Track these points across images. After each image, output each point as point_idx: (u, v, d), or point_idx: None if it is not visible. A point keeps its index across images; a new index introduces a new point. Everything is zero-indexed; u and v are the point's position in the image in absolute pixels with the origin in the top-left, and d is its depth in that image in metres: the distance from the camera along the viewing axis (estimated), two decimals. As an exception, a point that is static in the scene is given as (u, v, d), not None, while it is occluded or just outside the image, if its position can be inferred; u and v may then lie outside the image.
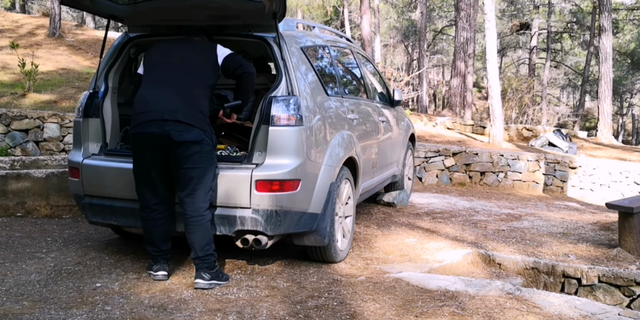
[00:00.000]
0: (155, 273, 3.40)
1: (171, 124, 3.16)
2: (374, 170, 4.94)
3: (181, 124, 3.17)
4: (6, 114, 7.02)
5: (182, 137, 3.16)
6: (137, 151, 3.31)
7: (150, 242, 3.41)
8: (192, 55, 3.43)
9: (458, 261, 4.35)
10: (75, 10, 22.85)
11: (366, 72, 5.51)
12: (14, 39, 11.43)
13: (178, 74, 3.33)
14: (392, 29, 31.92)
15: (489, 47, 12.01)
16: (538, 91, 23.46)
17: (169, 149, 3.20)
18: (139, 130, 3.24)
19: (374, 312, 2.97)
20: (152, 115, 3.20)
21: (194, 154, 3.20)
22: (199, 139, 3.20)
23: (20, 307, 2.90)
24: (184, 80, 3.31)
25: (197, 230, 3.26)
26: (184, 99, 3.25)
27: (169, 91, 3.26)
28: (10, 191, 5.20)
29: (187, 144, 3.18)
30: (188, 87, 3.30)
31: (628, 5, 28.74)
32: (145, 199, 3.33)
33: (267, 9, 3.36)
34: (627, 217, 4.93)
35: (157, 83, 3.33)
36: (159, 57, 3.45)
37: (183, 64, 3.37)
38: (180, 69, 3.35)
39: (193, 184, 3.22)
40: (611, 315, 3.00)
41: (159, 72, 3.37)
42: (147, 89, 3.34)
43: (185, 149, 3.18)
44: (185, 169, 3.20)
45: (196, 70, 3.37)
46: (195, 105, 3.27)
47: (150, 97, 3.28)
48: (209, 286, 3.28)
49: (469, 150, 9.34)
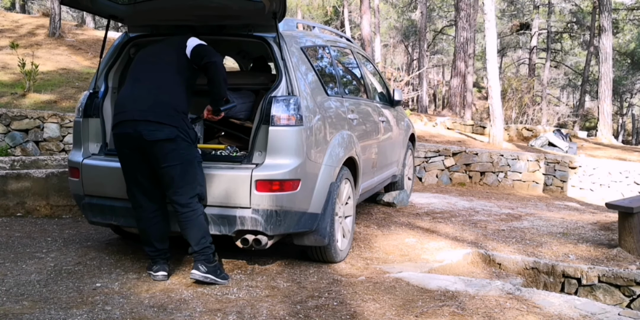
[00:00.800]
0: (155, 273, 3.40)
1: (142, 124, 3.17)
2: (374, 170, 4.94)
3: (151, 123, 3.17)
4: (6, 114, 7.02)
5: (154, 136, 3.16)
6: (119, 152, 3.34)
7: (146, 242, 3.41)
8: (165, 51, 3.42)
9: (458, 261, 4.35)
10: (75, 10, 22.85)
11: (366, 72, 5.51)
12: (14, 39, 11.44)
13: (151, 73, 3.34)
14: (392, 29, 31.92)
15: (489, 47, 12.02)
16: (538, 91, 23.48)
17: (145, 148, 3.21)
18: (116, 131, 3.29)
19: (374, 312, 2.97)
20: (125, 116, 3.23)
21: (170, 151, 3.19)
22: (171, 136, 3.18)
23: (20, 307, 2.91)
24: (157, 78, 3.32)
25: (190, 225, 3.26)
26: (154, 97, 3.25)
27: (141, 91, 3.29)
28: (10, 191, 5.20)
29: (160, 142, 3.17)
30: (160, 84, 3.30)
31: (628, 5, 28.75)
32: (136, 199, 3.35)
33: (267, 9, 3.36)
34: (627, 217, 4.93)
35: (132, 83, 3.37)
36: (139, 58, 3.49)
37: (157, 61, 3.39)
38: (153, 67, 3.36)
39: (177, 182, 3.22)
40: (611, 315, 3.00)
41: (135, 73, 3.41)
42: (123, 91, 3.41)
43: (161, 148, 3.18)
44: (165, 167, 3.20)
45: (169, 66, 3.35)
46: (166, 102, 3.24)
47: (123, 99, 3.33)
48: (203, 278, 3.27)
49: (469, 150, 9.34)
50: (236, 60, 6.07)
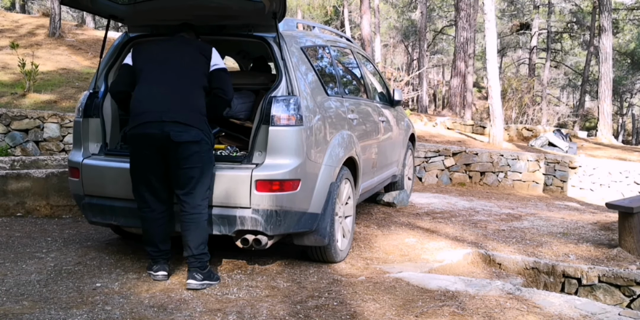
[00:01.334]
0: (155, 273, 3.40)
1: (170, 125, 3.18)
2: (374, 170, 4.94)
3: (180, 125, 3.18)
4: (6, 114, 7.02)
5: (182, 138, 3.17)
6: (136, 152, 3.30)
7: (149, 242, 3.41)
8: (186, 55, 3.40)
9: (458, 261, 4.35)
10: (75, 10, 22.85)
11: (366, 72, 5.51)
12: (14, 39, 11.44)
13: (173, 74, 3.32)
14: (392, 29, 31.93)
15: (489, 47, 12.02)
16: (538, 91, 23.47)
17: (169, 149, 3.20)
18: (138, 131, 3.24)
19: (374, 312, 2.97)
20: (151, 117, 3.20)
21: (194, 153, 3.21)
22: (197, 138, 3.22)
23: (20, 307, 2.90)
24: (180, 81, 3.31)
25: (194, 227, 3.26)
26: (181, 99, 3.26)
27: (166, 91, 3.27)
28: (10, 191, 5.20)
29: (186, 144, 3.19)
30: (184, 87, 3.30)
31: (628, 5, 28.75)
32: (144, 199, 3.33)
33: (267, 9, 3.36)
34: (627, 217, 4.93)
35: (154, 83, 3.32)
36: (154, 56, 3.41)
37: (178, 63, 3.36)
38: (175, 69, 3.33)
39: (193, 183, 3.24)
40: (611, 315, 3.00)
41: (154, 72, 3.35)
42: (144, 89, 3.32)
43: (185, 149, 3.19)
44: (185, 168, 3.21)
45: (191, 69, 3.36)
46: (193, 105, 3.28)
47: (147, 98, 3.28)
48: (201, 287, 3.28)
49: (469, 150, 9.34)
50: (236, 60, 6.07)
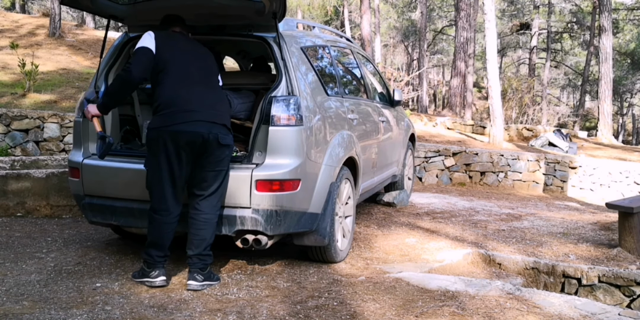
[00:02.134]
0: (153, 280, 3.27)
1: (218, 127, 3.21)
2: (374, 170, 4.94)
3: (224, 128, 3.25)
4: (6, 114, 7.02)
5: (226, 141, 3.24)
6: (170, 150, 3.13)
7: (158, 246, 3.27)
8: (206, 55, 3.45)
9: (458, 261, 4.35)
10: (75, 10, 22.85)
11: (366, 72, 5.51)
12: (14, 39, 11.44)
13: (204, 73, 3.35)
14: (392, 29, 31.94)
15: (489, 47, 12.02)
16: (538, 91, 23.47)
17: (207, 151, 3.18)
18: (182, 128, 3.11)
19: (374, 312, 2.97)
20: (202, 116, 3.15)
21: (226, 157, 3.28)
22: (232, 143, 3.31)
23: (20, 307, 2.90)
24: (212, 82, 3.38)
25: (209, 227, 3.27)
26: (221, 102, 3.34)
27: (204, 91, 3.27)
28: (11, 191, 5.20)
29: (225, 147, 3.24)
30: (217, 89, 3.39)
31: (628, 5, 28.76)
32: (165, 201, 3.21)
33: (267, 9, 3.36)
34: (627, 217, 4.93)
35: (188, 81, 3.23)
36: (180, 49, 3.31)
37: (204, 63, 3.39)
38: (203, 67, 3.37)
39: (217, 185, 3.26)
40: (611, 315, 3.00)
41: (188, 67, 3.27)
42: (183, 86, 3.21)
43: (222, 152, 3.24)
44: (217, 171, 3.25)
45: (214, 72, 3.43)
46: (228, 109, 3.39)
47: (191, 96, 3.19)
48: (201, 287, 3.27)
49: (469, 150, 9.34)
50: (236, 60, 6.07)
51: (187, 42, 3.43)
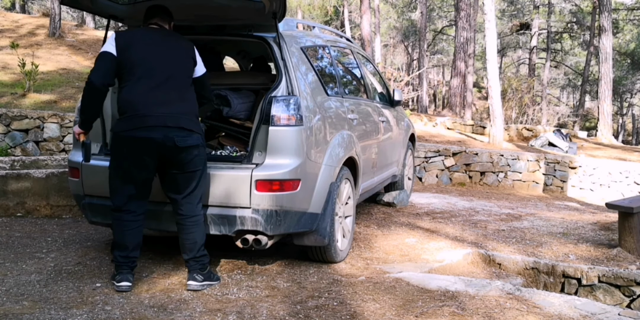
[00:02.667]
0: (118, 284, 3.17)
1: (174, 131, 3.10)
2: (374, 170, 4.94)
3: (183, 130, 3.14)
4: (6, 114, 7.02)
5: (187, 143, 3.15)
6: (129, 155, 3.13)
7: (120, 246, 3.21)
8: (177, 51, 3.26)
9: (458, 261, 4.35)
10: (75, 10, 22.85)
11: (366, 72, 5.51)
12: (14, 39, 11.44)
13: (168, 72, 3.17)
14: (392, 29, 31.94)
15: (489, 47, 12.02)
16: (538, 91, 23.48)
17: (171, 154, 3.14)
18: (138, 134, 3.07)
19: (374, 312, 2.97)
20: (154, 121, 3.07)
21: (195, 157, 3.20)
22: (198, 142, 3.21)
23: (20, 307, 2.90)
24: (178, 80, 3.20)
25: (196, 229, 3.26)
26: (182, 102, 3.18)
27: (163, 92, 3.12)
28: (11, 191, 5.20)
29: (190, 148, 3.17)
30: (183, 88, 3.22)
31: (628, 5, 28.76)
32: (126, 201, 3.20)
33: (267, 9, 3.36)
34: (627, 217, 4.93)
35: (147, 82, 3.12)
36: (143, 50, 3.17)
37: (173, 61, 3.21)
38: (171, 67, 3.19)
39: (192, 186, 3.23)
40: (611, 315, 3.00)
41: (147, 68, 3.13)
42: (136, 87, 3.12)
43: (188, 154, 3.17)
44: (187, 172, 3.20)
45: (184, 68, 3.26)
46: (192, 108, 3.24)
47: (144, 99, 3.11)
48: (201, 287, 3.27)
49: (469, 150, 9.34)
50: (236, 60, 6.07)
51: (159, 38, 3.25)
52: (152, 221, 3.50)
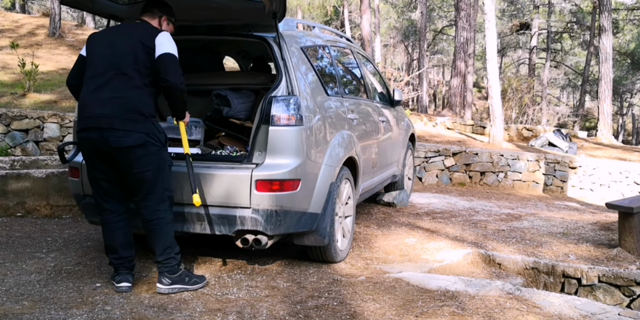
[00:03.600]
0: (117, 284, 3.19)
1: (108, 131, 3.01)
2: (374, 170, 4.94)
3: (118, 131, 3.01)
4: (6, 114, 7.02)
5: (123, 143, 3.01)
6: (84, 156, 3.21)
7: (110, 248, 3.24)
8: (130, 45, 3.09)
9: (458, 261, 4.35)
10: (75, 10, 22.85)
11: (366, 72, 5.51)
12: (14, 39, 11.44)
13: (114, 70, 3.06)
14: (392, 29, 31.94)
15: (489, 47, 12.02)
16: (538, 91, 23.50)
17: (114, 155, 3.07)
18: (82, 135, 3.10)
19: (374, 312, 2.97)
20: (91, 122, 3.05)
21: (140, 157, 3.05)
22: (140, 142, 3.03)
23: (20, 307, 2.90)
24: (122, 77, 3.05)
25: (156, 234, 3.16)
26: (119, 101, 3.03)
27: (106, 92, 3.04)
28: (10, 191, 5.20)
29: (129, 148, 3.02)
30: (125, 85, 3.05)
31: (628, 5, 28.76)
32: (101, 201, 3.22)
33: (267, 9, 3.36)
34: (627, 217, 4.93)
35: (94, 81, 3.09)
36: (101, 47, 3.14)
37: (122, 56, 3.07)
38: (118, 62, 3.06)
39: (145, 188, 3.11)
40: (611, 315, 3.00)
41: (98, 67, 3.10)
42: (86, 88, 3.12)
43: (130, 154, 3.04)
44: (136, 173, 3.08)
45: (135, 63, 3.06)
46: (133, 107, 3.04)
47: (86, 99, 3.10)
48: (170, 291, 3.16)
49: (469, 150, 9.35)
50: (236, 60, 6.07)
51: (118, 34, 3.19)
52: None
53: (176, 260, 3.20)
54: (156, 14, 3.32)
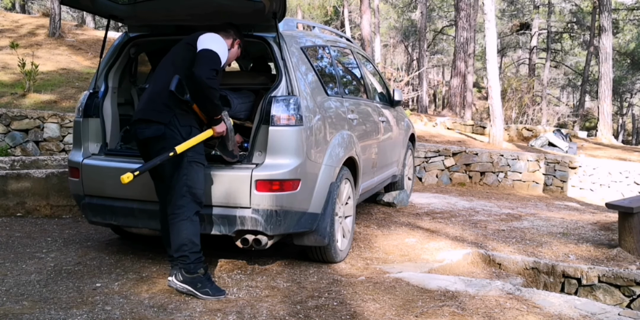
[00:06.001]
0: (168, 279, 3.23)
1: (137, 123, 3.21)
2: (374, 170, 4.94)
3: (142, 122, 3.16)
4: (6, 114, 7.02)
5: (144, 135, 3.16)
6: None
7: (166, 245, 3.32)
8: (179, 49, 3.32)
9: (458, 261, 4.35)
10: (75, 10, 22.86)
11: (366, 72, 5.51)
12: (14, 39, 11.43)
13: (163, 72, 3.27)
14: (392, 29, 31.94)
15: (489, 47, 12.02)
16: (538, 91, 23.50)
17: (144, 146, 3.25)
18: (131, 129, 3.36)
19: (374, 312, 2.97)
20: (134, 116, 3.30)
21: (161, 150, 3.10)
22: (158, 133, 3.09)
23: (20, 307, 2.91)
24: (162, 76, 3.23)
25: (171, 229, 3.16)
26: (149, 94, 3.23)
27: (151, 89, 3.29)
28: (11, 191, 5.20)
29: (150, 140, 3.15)
30: (161, 81, 3.19)
31: (628, 5, 28.76)
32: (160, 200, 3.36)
33: (267, 9, 3.36)
34: (627, 217, 4.93)
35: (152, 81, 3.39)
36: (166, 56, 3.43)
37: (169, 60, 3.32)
38: (167, 66, 3.30)
39: (168, 181, 3.19)
40: (611, 315, 3.00)
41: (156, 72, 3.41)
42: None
43: (154, 145, 3.16)
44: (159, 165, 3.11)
45: (177, 64, 3.23)
46: (158, 98, 3.14)
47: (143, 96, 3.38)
48: (178, 288, 3.12)
49: (469, 150, 9.34)
50: (236, 60, 6.07)
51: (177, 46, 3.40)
52: (152, 221, 3.51)
53: (190, 259, 3.10)
54: (231, 35, 3.46)
